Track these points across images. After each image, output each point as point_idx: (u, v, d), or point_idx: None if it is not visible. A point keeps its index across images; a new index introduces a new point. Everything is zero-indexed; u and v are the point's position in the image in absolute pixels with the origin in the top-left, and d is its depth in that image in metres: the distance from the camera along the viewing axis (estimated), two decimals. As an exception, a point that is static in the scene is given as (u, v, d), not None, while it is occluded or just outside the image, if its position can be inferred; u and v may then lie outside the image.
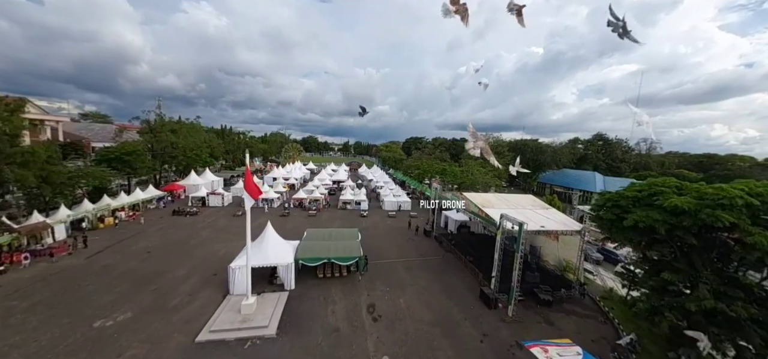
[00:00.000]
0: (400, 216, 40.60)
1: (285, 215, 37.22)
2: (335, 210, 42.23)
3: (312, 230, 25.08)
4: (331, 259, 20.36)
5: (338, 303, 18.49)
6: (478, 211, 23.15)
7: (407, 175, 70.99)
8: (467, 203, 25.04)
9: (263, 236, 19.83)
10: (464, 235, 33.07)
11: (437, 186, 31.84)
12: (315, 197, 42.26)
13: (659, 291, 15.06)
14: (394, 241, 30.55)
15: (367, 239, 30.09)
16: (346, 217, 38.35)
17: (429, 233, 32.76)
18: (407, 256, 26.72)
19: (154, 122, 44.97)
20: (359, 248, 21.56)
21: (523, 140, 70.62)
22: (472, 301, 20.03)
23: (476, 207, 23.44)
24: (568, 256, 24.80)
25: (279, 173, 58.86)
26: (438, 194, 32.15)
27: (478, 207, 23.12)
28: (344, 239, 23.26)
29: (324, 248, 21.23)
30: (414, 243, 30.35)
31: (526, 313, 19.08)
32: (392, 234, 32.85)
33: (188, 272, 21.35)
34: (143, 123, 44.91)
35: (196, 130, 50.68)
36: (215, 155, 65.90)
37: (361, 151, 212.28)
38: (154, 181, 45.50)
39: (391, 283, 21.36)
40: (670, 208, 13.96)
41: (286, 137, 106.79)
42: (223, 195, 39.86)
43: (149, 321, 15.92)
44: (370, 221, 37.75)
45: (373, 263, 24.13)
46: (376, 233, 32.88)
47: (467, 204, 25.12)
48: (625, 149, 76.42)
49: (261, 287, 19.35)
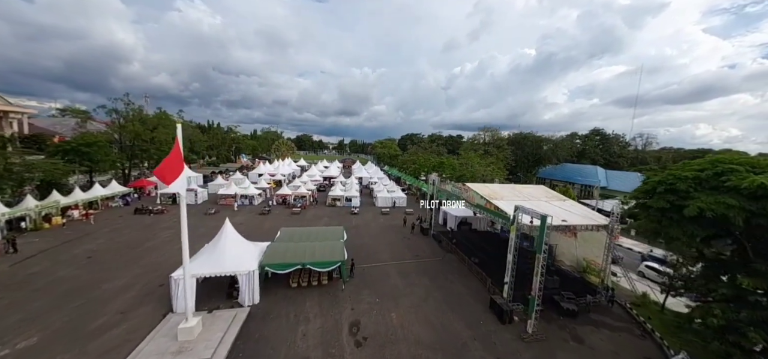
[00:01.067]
0: (394, 213, 36.78)
1: (265, 213, 33.18)
2: (323, 207, 38.26)
3: (287, 229, 21.08)
4: (307, 264, 16.42)
5: (313, 321, 14.57)
6: (485, 204, 19.39)
7: (403, 171, 67.19)
8: (471, 195, 21.26)
9: (219, 238, 15.83)
10: (466, 233, 29.38)
11: (435, 178, 28.00)
12: (301, 193, 38.26)
13: (730, 301, 11.43)
14: (387, 241, 26.71)
15: (355, 239, 26.20)
16: (335, 215, 34.42)
17: (426, 230, 29.02)
18: (402, 258, 22.90)
19: (123, 112, 40.22)
20: (342, 251, 17.66)
21: (522, 134, 67.28)
22: (481, 313, 16.27)
23: (483, 200, 19.68)
24: (588, 255, 21.21)
25: (265, 169, 54.65)
26: (436, 188, 28.35)
27: (485, 200, 19.35)
28: (325, 240, 19.34)
29: (298, 250, 17.28)
30: (410, 243, 26.55)
31: (548, 328, 15.39)
32: (385, 233, 29.02)
33: (129, 282, 17.24)
34: (110, 113, 40.08)
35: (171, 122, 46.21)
36: (196, 151, 61.55)
37: (357, 149, 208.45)
38: (123, 177, 41.03)
39: (382, 292, 17.50)
40: (750, 190, 10.32)
41: (278, 134, 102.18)
42: (196, 192, 35.62)
43: (55, 351, 11.88)
44: (361, 218, 33.87)
45: (360, 268, 20.26)
46: (367, 231, 29.02)
47: (471, 197, 21.34)
48: (622, 145, 76.09)
49: (217, 302, 15.36)
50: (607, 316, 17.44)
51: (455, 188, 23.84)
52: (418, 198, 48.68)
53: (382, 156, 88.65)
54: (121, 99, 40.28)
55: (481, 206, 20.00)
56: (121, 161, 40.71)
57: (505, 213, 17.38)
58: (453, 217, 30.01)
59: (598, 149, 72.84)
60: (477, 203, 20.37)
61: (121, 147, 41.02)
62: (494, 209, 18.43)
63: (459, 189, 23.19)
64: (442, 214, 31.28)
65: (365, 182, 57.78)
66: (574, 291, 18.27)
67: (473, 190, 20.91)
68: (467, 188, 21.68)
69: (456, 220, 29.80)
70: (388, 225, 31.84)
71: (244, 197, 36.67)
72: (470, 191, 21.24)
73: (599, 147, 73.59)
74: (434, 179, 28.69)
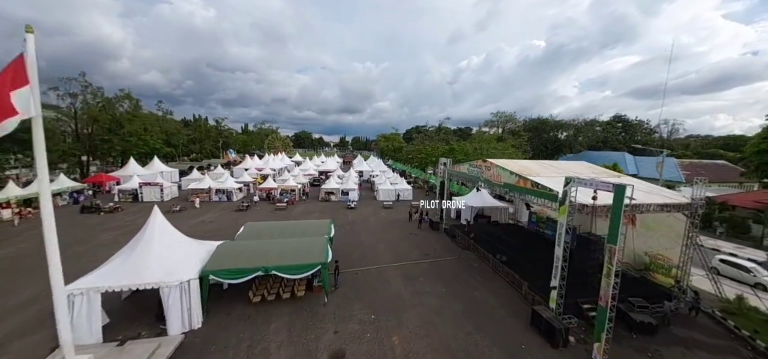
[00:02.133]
0: (398, 208, 31.91)
1: (242, 209, 28.53)
2: (315, 203, 33.52)
3: (253, 224, 16.26)
4: (271, 270, 11.63)
5: (275, 354, 9.78)
6: (516, 182, 14.42)
7: (408, 164, 62.22)
8: (495, 173, 16.29)
9: (141, 236, 11.10)
10: (483, 226, 24.44)
11: (445, 162, 23.05)
12: (289, 186, 33.57)
13: None
14: (388, 238, 21.87)
15: (350, 237, 21.40)
16: (328, 211, 29.68)
17: (436, 225, 24.12)
18: (406, 258, 18.04)
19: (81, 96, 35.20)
20: (324, 251, 12.81)
21: (540, 119, 61.68)
22: (520, 332, 11.39)
23: (513, 177, 14.71)
24: (652, 247, 16.10)
25: (252, 164, 50.10)
26: (448, 172, 23.39)
27: (517, 177, 14.39)
28: (302, 236, 14.53)
29: (260, 251, 12.51)
30: (417, 240, 21.67)
31: (620, 352, 10.51)
32: (387, 229, 24.16)
33: (33, 296, 12.61)
34: (64, 97, 34.78)
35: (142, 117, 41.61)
36: (174, 144, 57.11)
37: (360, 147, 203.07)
38: (80, 171, 36.54)
39: (380, 306, 12.67)
40: None
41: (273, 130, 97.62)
42: (161, 186, 31.05)
43: None
44: (360, 213, 29.06)
45: (352, 273, 15.46)
46: (364, 228, 24.19)
47: (495, 176, 16.38)
48: (647, 132, 71.36)
49: (141, 327, 10.65)
50: (696, 330, 12.45)
51: (473, 168, 18.86)
52: (426, 191, 43.80)
53: (385, 150, 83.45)
54: (76, 79, 35.14)
55: (510, 185, 15.03)
56: (77, 153, 35.95)
57: (548, 190, 12.41)
58: (468, 209, 25.05)
59: (621, 136, 67.96)
60: (505, 183, 15.39)
61: (78, 137, 36.40)
62: (531, 187, 13.45)
63: (478, 168, 18.22)
64: (453, 208, 26.37)
65: (366, 176, 53.03)
66: (643, 295, 13.33)
67: (499, 166, 15.95)
68: (491, 165, 16.71)
69: (472, 212, 24.83)
70: (391, 220, 26.99)
71: (221, 193, 32.07)
72: (494, 168, 16.28)
73: (622, 135, 68.72)
74: (445, 163, 23.73)
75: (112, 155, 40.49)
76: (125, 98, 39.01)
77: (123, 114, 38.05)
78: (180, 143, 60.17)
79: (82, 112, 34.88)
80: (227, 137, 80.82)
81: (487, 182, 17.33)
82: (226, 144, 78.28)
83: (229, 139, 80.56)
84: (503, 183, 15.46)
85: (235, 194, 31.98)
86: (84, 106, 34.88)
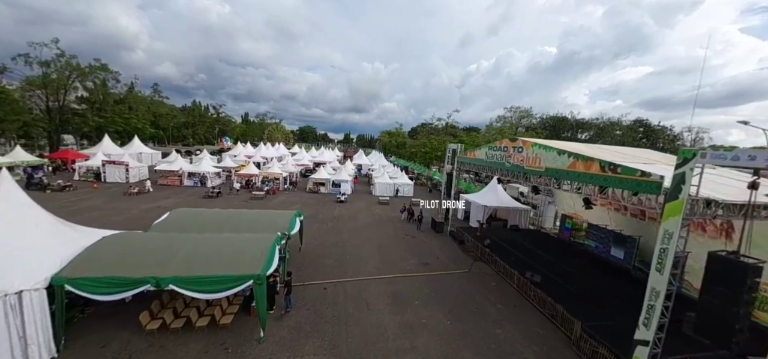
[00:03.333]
0: (396, 204, 27.23)
1: (211, 196, 24.22)
2: (301, 194, 29.06)
3: (184, 210, 11.72)
4: (166, 284, 7.06)
5: None
6: (570, 166, 9.53)
7: (411, 160, 57.34)
8: (533, 155, 11.38)
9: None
10: (500, 231, 19.52)
11: (455, 149, 18.18)
12: (272, 173, 29.21)
13: None
14: (378, 239, 17.18)
15: (328, 235, 16.80)
16: (313, 203, 25.20)
17: (440, 225, 19.28)
18: (398, 268, 13.32)
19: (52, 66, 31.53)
20: (264, 257, 8.11)
21: (558, 116, 55.82)
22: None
23: (566, 160, 9.80)
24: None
25: (241, 150, 46.14)
26: (459, 161, 18.52)
27: (574, 158, 9.49)
28: (246, 232, 9.91)
29: (165, 251, 7.95)
30: (414, 243, 16.92)
31: None
32: (378, 228, 19.48)
33: None
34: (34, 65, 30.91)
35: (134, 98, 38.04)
36: (162, 126, 53.72)
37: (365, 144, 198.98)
38: (51, 146, 33.13)
39: (349, 349, 8.00)
40: None
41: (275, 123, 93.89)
42: (127, 166, 27.05)
43: None
44: (349, 208, 24.46)
45: (318, 289, 10.84)
46: (352, 225, 19.54)
47: (531, 159, 11.47)
48: (670, 138, 65.54)
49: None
50: None
51: (495, 151, 13.91)
52: (429, 189, 39.01)
53: (388, 146, 78.63)
54: (45, 45, 31.40)
55: (558, 170, 10.11)
56: (42, 126, 32.46)
57: (640, 174, 7.49)
58: (480, 209, 20.09)
59: (642, 142, 62.20)
60: (549, 168, 10.47)
61: (49, 109, 32.94)
62: (602, 172, 8.53)
63: (502, 151, 13.27)
64: (461, 209, 21.50)
65: (365, 171, 48.48)
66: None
67: (539, 145, 11.05)
68: (524, 145, 11.77)
69: (485, 212, 19.84)
70: (386, 218, 22.31)
71: (194, 176, 27.90)
72: (530, 148, 11.36)
73: (643, 140, 62.94)
74: (455, 150, 18.85)
75: (83, 131, 37.02)
76: (100, 69, 35.32)
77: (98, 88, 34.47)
78: (170, 125, 56.80)
79: (48, 80, 31.32)
80: (225, 124, 77.54)
81: (515, 169, 12.44)
82: (223, 131, 75.15)
83: (227, 127, 77.27)
84: (545, 169, 10.55)
85: (210, 179, 27.81)
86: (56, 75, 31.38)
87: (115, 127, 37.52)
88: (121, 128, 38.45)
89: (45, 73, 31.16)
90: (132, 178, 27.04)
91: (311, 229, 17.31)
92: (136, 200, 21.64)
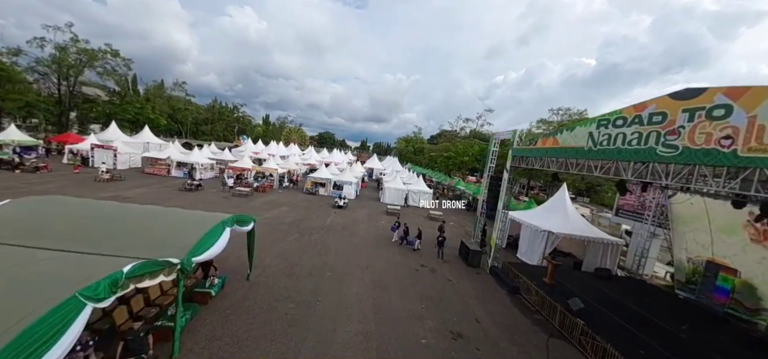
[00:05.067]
0: (409, 215, 22.18)
1: (189, 188, 20.80)
2: (296, 194, 24.97)
3: (43, 198, 7.45)
4: None
5: None
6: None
7: (429, 167, 51.89)
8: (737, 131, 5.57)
9: None
10: (574, 276, 12.83)
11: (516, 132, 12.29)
12: (268, 168, 25.58)
13: None
14: (378, 269, 12.15)
15: (304, 256, 11.92)
16: (304, 206, 20.94)
17: (475, 255, 13.49)
18: (407, 339, 8.20)
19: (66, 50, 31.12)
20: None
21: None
22: None
23: None
24: None
25: (248, 147, 43.90)
26: (516, 155, 12.78)
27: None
28: (113, 245, 5.35)
29: None
30: (436, 284, 11.66)
31: None
32: (381, 249, 14.45)
33: None
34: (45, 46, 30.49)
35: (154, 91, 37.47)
36: (180, 121, 53.54)
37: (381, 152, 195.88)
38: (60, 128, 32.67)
39: None
40: None
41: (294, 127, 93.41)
42: (115, 151, 24.75)
43: None
44: (347, 216, 19.80)
45: None
46: (345, 242, 14.72)
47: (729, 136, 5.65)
48: None
49: None
50: None
51: (627, 125, 7.95)
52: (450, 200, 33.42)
53: (404, 152, 73.69)
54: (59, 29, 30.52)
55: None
56: (47, 107, 31.86)
57: None
58: (540, 236, 13.51)
59: None
60: None
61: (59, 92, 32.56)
62: None
63: (660, 120, 6.96)
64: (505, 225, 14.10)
65: (375, 175, 44.01)
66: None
67: None
68: (714, 93, 5.93)
69: (548, 242, 13.27)
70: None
71: (185, 166, 24.99)
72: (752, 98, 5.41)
73: None
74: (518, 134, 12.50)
75: (91, 116, 36.64)
76: (109, 53, 34.75)
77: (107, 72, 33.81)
78: (188, 120, 56.90)
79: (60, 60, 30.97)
80: (244, 124, 77.81)
81: (685, 156, 6.65)
82: (242, 130, 75.29)
83: (247, 127, 77.46)
84: None
85: (198, 170, 24.78)
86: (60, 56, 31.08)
87: (125, 115, 36.88)
88: (132, 117, 37.85)
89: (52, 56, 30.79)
90: (120, 164, 24.81)
91: (284, 243, 12.79)
92: (102, 186, 18.65)
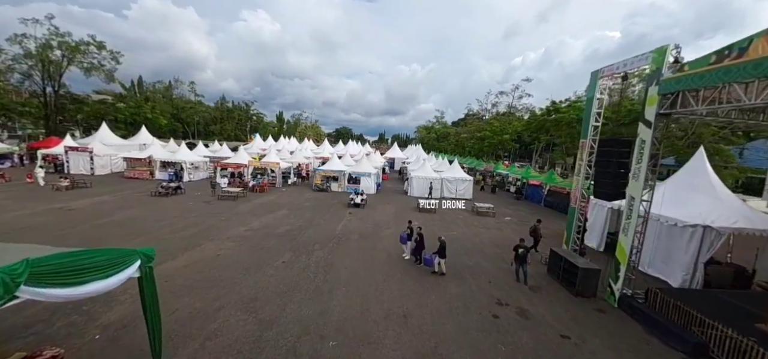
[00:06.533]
0: (446, 216, 16.36)
1: (163, 193, 16.33)
2: (301, 192, 20.02)
3: None
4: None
5: None
6: None
7: (456, 152, 45.11)
8: None
9: None
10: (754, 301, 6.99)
11: (672, 56, 5.30)
12: (268, 163, 20.85)
13: None
14: (429, 329, 6.56)
15: (292, 300, 6.07)
16: (310, 207, 15.81)
17: (586, 280, 7.58)
18: None
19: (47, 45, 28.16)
20: None
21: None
22: None
23: None
24: None
25: (256, 144, 39.84)
26: (678, 81, 6.03)
27: None
28: None
29: None
30: (541, 354, 5.90)
31: None
32: (422, 277, 8.88)
33: None
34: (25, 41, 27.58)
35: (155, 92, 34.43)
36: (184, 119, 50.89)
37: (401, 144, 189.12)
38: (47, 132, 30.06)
39: None
40: None
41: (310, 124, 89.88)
42: (92, 154, 21.15)
43: None
44: (366, 218, 14.33)
45: None
46: (361, 262, 9.33)
47: None
48: None
49: None
50: None
51: None
52: (492, 189, 27.16)
53: (426, 141, 67.07)
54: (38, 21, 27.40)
55: None
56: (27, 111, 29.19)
57: None
58: (682, 234, 7.73)
59: None
60: None
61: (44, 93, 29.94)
62: None
63: None
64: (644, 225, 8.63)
65: (398, 166, 38.25)
66: None
67: None
68: None
69: (705, 245, 7.30)
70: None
71: (169, 167, 20.89)
72: None
73: None
74: (672, 56, 5.98)
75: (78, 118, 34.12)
76: (93, 45, 31.65)
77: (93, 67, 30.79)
78: (194, 120, 54.40)
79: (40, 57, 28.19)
80: (256, 121, 75.20)
81: None
82: (255, 128, 72.94)
83: (259, 124, 74.80)
84: None
85: (187, 171, 20.65)
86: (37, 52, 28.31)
87: (117, 115, 34.13)
88: (128, 118, 35.14)
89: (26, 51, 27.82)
90: (99, 168, 21.40)
91: (263, 273, 7.59)
92: (53, 196, 14.67)
